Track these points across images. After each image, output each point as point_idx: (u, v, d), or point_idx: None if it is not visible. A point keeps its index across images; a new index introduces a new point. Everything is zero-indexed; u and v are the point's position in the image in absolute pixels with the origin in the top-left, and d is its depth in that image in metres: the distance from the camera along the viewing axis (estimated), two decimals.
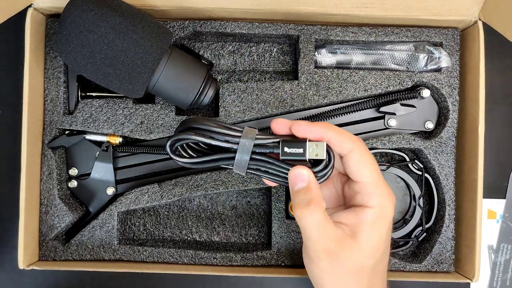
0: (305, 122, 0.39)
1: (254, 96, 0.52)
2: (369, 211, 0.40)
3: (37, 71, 0.50)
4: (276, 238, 0.52)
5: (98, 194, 0.53)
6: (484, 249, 0.57)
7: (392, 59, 0.53)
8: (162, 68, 0.46)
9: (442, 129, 0.52)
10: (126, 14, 0.45)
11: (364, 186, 0.40)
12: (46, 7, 0.50)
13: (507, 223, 0.58)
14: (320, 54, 0.53)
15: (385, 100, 0.52)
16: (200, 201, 0.56)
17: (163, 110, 0.52)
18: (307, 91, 0.52)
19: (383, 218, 0.40)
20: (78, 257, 0.51)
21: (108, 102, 0.52)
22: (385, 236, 0.41)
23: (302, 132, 0.39)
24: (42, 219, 0.51)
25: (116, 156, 0.53)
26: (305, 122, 0.39)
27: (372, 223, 0.40)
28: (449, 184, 0.52)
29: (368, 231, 0.40)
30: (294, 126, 0.39)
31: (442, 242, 0.52)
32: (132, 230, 0.56)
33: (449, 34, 0.53)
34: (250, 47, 0.56)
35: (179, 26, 0.52)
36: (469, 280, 0.50)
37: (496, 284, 0.58)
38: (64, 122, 0.51)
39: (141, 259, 0.52)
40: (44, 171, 0.51)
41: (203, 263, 0.52)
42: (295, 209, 0.40)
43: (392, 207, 0.41)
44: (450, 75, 0.52)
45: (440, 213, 0.53)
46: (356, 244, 0.39)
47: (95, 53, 0.44)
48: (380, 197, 0.40)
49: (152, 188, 0.52)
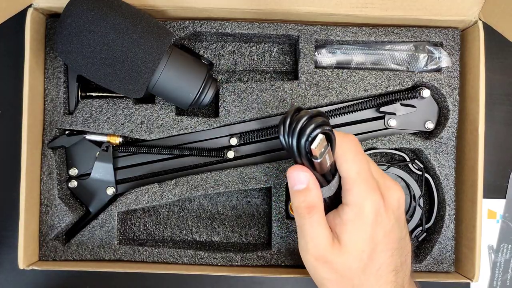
0: None
1: (254, 96, 0.52)
2: (347, 210, 0.39)
3: (37, 71, 0.50)
4: (276, 238, 0.52)
5: (98, 194, 0.53)
6: (484, 249, 0.57)
7: (392, 59, 0.53)
8: (162, 68, 0.46)
9: (442, 129, 0.52)
10: (126, 14, 0.45)
11: (344, 182, 0.39)
12: (46, 7, 0.50)
13: (507, 223, 0.58)
14: (320, 54, 0.53)
15: (385, 100, 0.52)
16: (200, 201, 0.56)
17: (163, 110, 0.52)
18: (307, 91, 0.52)
19: (362, 217, 0.39)
20: (78, 257, 0.51)
21: (108, 102, 0.52)
22: (369, 236, 0.39)
23: None
24: (42, 219, 0.51)
25: (116, 156, 0.53)
26: None
27: (351, 222, 0.39)
28: (449, 184, 0.52)
29: (349, 232, 0.39)
30: None
31: (442, 242, 0.52)
32: (132, 230, 0.56)
33: (449, 34, 0.53)
34: (250, 47, 0.56)
35: (179, 26, 0.52)
36: (469, 280, 0.50)
37: (496, 284, 0.58)
38: (64, 122, 0.51)
39: (141, 259, 0.52)
40: (44, 171, 0.51)
41: (203, 263, 0.52)
42: (295, 210, 0.40)
43: (373, 206, 0.39)
44: (450, 75, 0.52)
45: (440, 213, 0.53)
46: (341, 247, 0.39)
47: (95, 53, 0.44)
48: (358, 194, 0.39)
49: (152, 188, 0.52)
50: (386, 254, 0.40)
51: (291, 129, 0.37)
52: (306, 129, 0.36)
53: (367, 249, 0.39)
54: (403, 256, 0.41)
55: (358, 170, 0.39)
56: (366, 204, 0.39)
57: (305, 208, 0.39)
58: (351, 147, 0.39)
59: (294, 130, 0.37)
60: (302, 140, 0.36)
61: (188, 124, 0.52)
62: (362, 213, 0.39)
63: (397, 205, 0.41)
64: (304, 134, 0.36)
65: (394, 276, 0.40)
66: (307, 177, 0.38)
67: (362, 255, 0.39)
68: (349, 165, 0.39)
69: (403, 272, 0.41)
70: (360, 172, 0.39)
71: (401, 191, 0.42)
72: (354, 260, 0.39)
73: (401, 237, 0.41)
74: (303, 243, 0.40)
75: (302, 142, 0.37)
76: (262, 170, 0.51)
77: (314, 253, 0.40)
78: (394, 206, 0.40)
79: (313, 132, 0.36)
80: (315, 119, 0.36)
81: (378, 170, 0.42)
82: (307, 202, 0.39)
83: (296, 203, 0.40)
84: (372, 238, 0.39)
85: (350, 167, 0.39)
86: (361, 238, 0.39)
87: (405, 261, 0.42)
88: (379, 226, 0.39)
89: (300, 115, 0.37)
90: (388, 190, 0.41)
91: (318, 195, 0.39)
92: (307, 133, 0.36)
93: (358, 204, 0.39)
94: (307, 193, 0.39)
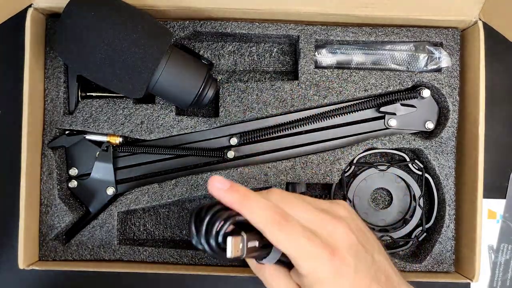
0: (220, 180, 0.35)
1: (254, 96, 0.52)
2: (303, 279, 0.37)
3: (37, 71, 0.50)
4: None
5: (98, 194, 0.53)
6: (484, 249, 0.57)
7: (392, 59, 0.53)
8: (162, 68, 0.46)
9: (442, 129, 0.52)
10: (126, 14, 0.45)
11: (289, 257, 0.36)
12: (46, 7, 0.50)
13: (507, 223, 0.58)
14: (320, 54, 0.53)
15: (385, 100, 0.52)
16: (200, 201, 0.56)
17: (163, 110, 0.52)
18: (307, 91, 0.52)
19: (320, 284, 0.36)
20: (78, 257, 0.51)
21: (108, 102, 0.52)
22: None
23: (216, 193, 0.35)
24: (42, 219, 0.51)
25: (116, 156, 0.53)
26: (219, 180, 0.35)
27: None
28: (449, 184, 0.52)
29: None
30: (210, 183, 0.35)
31: (442, 242, 0.52)
32: (132, 230, 0.56)
33: (449, 34, 0.53)
34: (250, 47, 0.56)
35: (179, 26, 0.52)
36: (469, 280, 0.50)
37: (496, 284, 0.58)
38: (64, 122, 0.51)
39: (141, 259, 0.52)
40: (44, 171, 0.51)
41: (203, 263, 0.52)
42: None
43: (326, 267, 0.35)
44: (450, 75, 0.52)
45: (440, 213, 0.53)
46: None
47: (95, 53, 0.44)
48: (305, 266, 0.35)
49: (152, 188, 0.52)
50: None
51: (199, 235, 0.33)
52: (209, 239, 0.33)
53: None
54: (383, 276, 0.39)
55: (292, 244, 0.35)
56: (318, 271, 0.36)
57: None
58: (267, 219, 0.35)
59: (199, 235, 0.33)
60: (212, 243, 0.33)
61: (188, 124, 0.52)
62: (318, 281, 0.36)
63: (348, 242, 0.37)
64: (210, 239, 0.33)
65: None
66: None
67: None
68: (275, 238, 0.35)
69: (391, 284, 0.39)
70: (295, 244, 0.35)
71: (341, 217, 0.39)
72: None
73: (369, 265, 0.38)
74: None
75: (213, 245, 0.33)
76: (262, 170, 0.51)
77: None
78: (346, 246, 0.37)
79: (218, 237, 0.33)
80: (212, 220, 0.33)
81: (313, 217, 0.37)
82: None
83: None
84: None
85: (277, 240, 0.35)
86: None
87: (388, 277, 0.39)
88: (342, 279, 0.36)
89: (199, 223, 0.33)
90: (331, 236, 0.37)
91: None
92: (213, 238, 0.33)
93: (311, 274, 0.36)
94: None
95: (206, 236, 0.33)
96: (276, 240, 0.35)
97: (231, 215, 0.34)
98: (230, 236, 0.32)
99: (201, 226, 0.33)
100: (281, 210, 0.36)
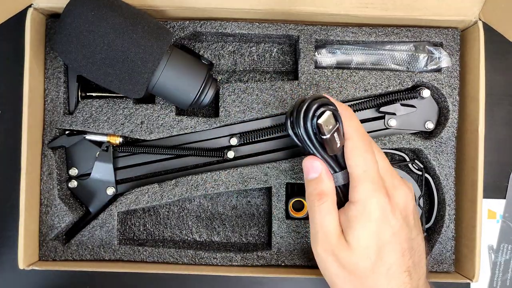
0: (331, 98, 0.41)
1: (254, 96, 0.52)
2: (352, 207, 0.39)
3: (37, 71, 0.50)
4: (276, 238, 0.52)
5: (98, 194, 0.53)
6: (484, 249, 0.57)
7: (392, 59, 0.53)
8: (162, 68, 0.46)
9: (442, 129, 0.52)
10: (126, 14, 0.45)
11: (351, 179, 0.40)
12: (46, 7, 0.50)
13: (507, 223, 0.58)
14: (320, 54, 0.53)
15: (385, 100, 0.52)
16: (200, 201, 0.56)
17: (163, 110, 0.52)
18: (307, 91, 0.52)
19: (366, 215, 0.38)
20: (78, 257, 0.51)
21: (108, 102, 0.52)
22: (374, 234, 0.39)
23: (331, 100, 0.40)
24: (42, 219, 0.51)
25: (116, 156, 0.53)
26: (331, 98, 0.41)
27: (355, 219, 0.39)
28: (449, 184, 0.52)
29: (353, 228, 0.39)
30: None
31: (442, 242, 0.52)
32: (132, 230, 0.56)
33: (449, 34, 0.53)
34: (250, 47, 0.56)
35: (179, 26, 0.52)
36: (469, 280, 0.50)
37: (496, 284, 0.58)
38: (64, 122, 0.51)
39: (141, 259, 0.52)
40: (44, 171, 0.51)
41: (203, 263, 0.52)
42: (307, 200, 0.41)
43: (378, 204, 0.39)
44: (450, 75, 0.52)
45: (440, 213, 0.53)
46: (347, 244, 0.39)
47: (95, 53, 0.44)
48: (363, 192, 0.39)
49: (152, 188, 0.52)
50: (396, 255, 0.39)
51: (298, 118, 0.39)
52: (310, 109, 0.38)
53: (372, 246, 0.39)
54: (416, 257, 0.41)
55: (365, 168, 0.39)
56: (370, 202, 0.39)
57: (316, 195, 0.40)
58: (360, 144, 0.40)
59: (299, 115, 0.38)
60: (308, 122, 0.38)
61: (188, 124, 0.52)
62: (366, 211, 0.39)
63: (403, 204, 0.40)
64: (309, 112, 0.38)
65: (408, 277, 0.39)
66: (320, 167, 0.40)
67: (368, 252, 0.39)
68: (356, 161, 0.39)
69: (417, 273, 0.41)
70: (366, 170, 0.39)
71: (409, 190, 0.42)
72: (360, 258, 0.39)
73: (411, 237, 0.40)
74: (313, 233, 0.41)
75: (308, 123, 0.38)
76: (262, 170, 0.51)
77: (323, 244, 0.40)
78: (400, 206, 0.40)
79: (318, 110, 0.38)
80: (318, 100, 0.38)
81: (388, 168, 0.42)
82: (318, 189, 0.40)
83: (308, 191, 0.41)
84: (377, 237, 0.39)
85: (357, 164, 0.39)
86: (365, 235, 0.39)
87: (418, 262, 0.41)
88: (385, 225, 0.39)
89: (303, 102, 0.39)
90: (395, 190, 0.40)
91: (330, 185, 0.40)
92: (312, 110, 0.38)
93: (363, 202, 0.39)
94: (319, 182, 0.40)
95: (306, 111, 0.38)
96: (355, 155, 0.39)
97: (330, 102, 0.39)
98: (328, 111, 0.38)
99: (303, 106, 0.38)
100: (372, 141, 0.41)
